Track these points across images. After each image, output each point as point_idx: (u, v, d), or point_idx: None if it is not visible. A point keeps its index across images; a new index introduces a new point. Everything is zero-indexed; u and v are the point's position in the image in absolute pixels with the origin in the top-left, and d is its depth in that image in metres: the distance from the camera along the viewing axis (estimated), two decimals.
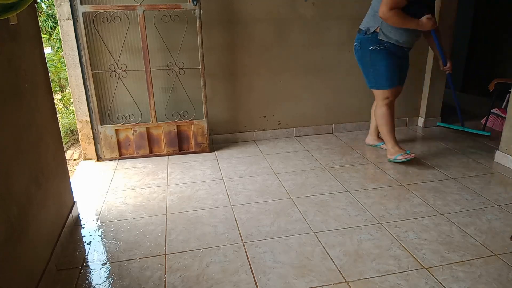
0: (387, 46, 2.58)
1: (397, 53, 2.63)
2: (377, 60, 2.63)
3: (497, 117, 3.57)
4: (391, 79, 2.66)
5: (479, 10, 4.87)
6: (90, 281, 1.63)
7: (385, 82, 2.67)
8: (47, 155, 1.78)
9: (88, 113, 2.86)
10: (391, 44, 2.57)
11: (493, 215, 2.09)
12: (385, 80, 2.66)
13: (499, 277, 1.60)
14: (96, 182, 2.60)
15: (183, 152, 3.05)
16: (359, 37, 2.68)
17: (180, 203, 2.27)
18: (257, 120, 3.34)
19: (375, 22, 2.55)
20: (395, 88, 2.71)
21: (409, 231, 1.94)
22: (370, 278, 1.61)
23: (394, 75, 2.67)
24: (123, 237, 1.94)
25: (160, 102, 2.96)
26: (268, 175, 2.64)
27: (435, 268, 1.67)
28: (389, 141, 2.79)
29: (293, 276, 1.62)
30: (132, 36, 2.79)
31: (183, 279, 1.62)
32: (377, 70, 2.66)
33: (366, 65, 2.71)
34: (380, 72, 2.65)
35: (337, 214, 2.12)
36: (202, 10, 2.76)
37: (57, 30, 5.02)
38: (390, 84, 2.67)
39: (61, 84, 4.64)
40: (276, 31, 3.12)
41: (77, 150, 3.34)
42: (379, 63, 2.63)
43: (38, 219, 1.58)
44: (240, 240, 1.89)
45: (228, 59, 3.09)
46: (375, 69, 2.66)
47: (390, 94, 2.70)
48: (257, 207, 2.20)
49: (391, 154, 2.78)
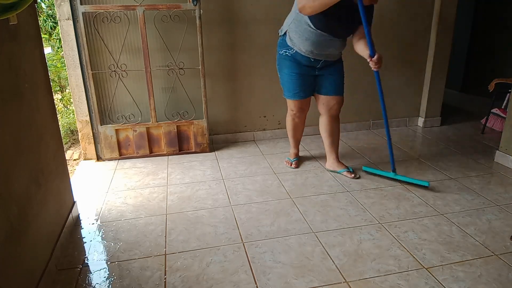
0: (293, 53, 2.33)
1: (304, 63, 2.34)
2: (282, 66, 2.43)
3: (497, 117, 3.57)
4: (293, 90, 2.43)
5: (479, 10, 4.87)
6: (90, 281, 1.63)
7: (286, 91, 2.48)
8: (47, 155, 1.78)
9: (88, 113, 2.86)
10: (295, 51, 2.31)
11: (493, 215, 2.09)
12: (286, 90, 2.48)
13: (499, 277, 1.60)
14: (96, 182, 2.60)
15: (183, 152, 3.05)
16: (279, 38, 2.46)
17: (180, 203, 2.27)
18: (257, 120, 3.34)
19: (286, 23, 2.34)
20: (297, 101, 2.47)
21: (409, 231, 1.94)
22: (370, 278, 1.61)
23: (297, 87, 2.41)
24: (123, 237, 1.94)
25: (160, 102, 2.96)
26: (268, 175, 2.64)
27: (435, 268, 1.67)
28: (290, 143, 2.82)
29: (293, 276, 1.62)
30: (132, 36, 2.79)
31: (183, 279, 1.62)
32: (282, 78, 2.47)
33: (277, 69, 2.51)
34: (284, 80, 2.46)
35: (337, 214, 2.12)
36: (202, 10, 2.76)
37: (57, 30, 5.02)
38: (290, 95, 2.47)
39: (61, 84, 4.64)
40: (276, 31, 3.10)
41: (77, 150, 3.34)
42: (283, 70, 2.43)
43: (38, 219, 1.58)
44: (240, 240, 1.89)
45: (228, 59, 3.09)
46: (281, 75, 2.48)
47: (293, 106, 2.51)
48: (257, 207, 2.20)
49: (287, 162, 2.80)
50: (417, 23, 3.36)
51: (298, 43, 2.27)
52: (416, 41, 3.43)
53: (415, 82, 3.55)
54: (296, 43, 2.27)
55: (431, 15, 3.40)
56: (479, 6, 4.85)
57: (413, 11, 3.34)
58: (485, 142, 3.23)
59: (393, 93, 3.53)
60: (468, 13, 4.87)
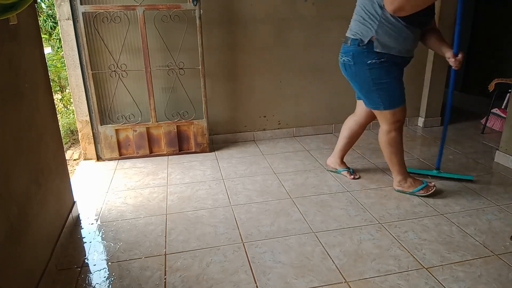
0: (388, 58, 2.07)
1: (400, 65, 2.16)
2: (380, 75, 2.10)
3: (497, 117, 3.57)
4: (401, 95, 2.17)
5: (479, 10, 4.87)
6: (90, 281, 1.63)
7: (396, 99, 2.16)
8: (47, 155, 1.78)
9: (88, 113, 2.86)
10: (390, 55, 2.07)
11: (493, 215, 2.09)
12: (397, 97, 2.16)
13: (499, 277, 1.60)
14: (96, 182, 2.60)
15: (183, 152, 3.05)
16: (350, 50, 2.13)
17: (180, 203, 2.27)
18: (257, 120, 3.34)
19: (368, 30, 2.04)
20: (405, 105, 2.21)
21: (409, 231, 1.94)
22: (370, 278, 1.61)
23: (403, 91, 2.19)
24: (123, 237, 1.94)
25: (160, 102, 2.96)
26: (268, 175, 2.64)
27: (435, 268, 1.67)
28: (399, 173, 2.33)
29: (293, 276, 1.62)
30: (132, 36, 2.79)
31: (183, 279, 1.62)
32: (384, 89, 2.13)
33: (366, 84, 2.16)
34: (389, 90, 2.14)
35: (337, 214, 2.12)
36: (202, 10, 2.76)
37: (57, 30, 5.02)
38: (401, 101, 2.18)
39: (61, 84, 4.64)
40: (276, 31, 3.12)
41: (77, 150, 3.34)
42: (384, 79, 2.11)
43: (38, 219, 1.58)
44: (240, 240, 1.89)
45: (228, 59, 3.09)
46: (380, 87, 2.13)
47: (401, 114, 2.20)
48: (257, 207, 2.20)
49: (403, 187, 2.35)
50: None
51: (395, 46, 2.05)
52: None
53: (415, 82, 3.55)
54: (393, 46, 2.05)
55: None
56: (479, 6, 4.85)
57: None
58: (485, 142, 3.23)
59: None
60: (468, 13, 4.87)
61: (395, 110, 2.18)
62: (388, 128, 2.25)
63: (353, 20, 2.16)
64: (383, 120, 2.26)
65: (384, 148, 2.33)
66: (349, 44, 2.14)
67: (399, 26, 2.00)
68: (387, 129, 2.26)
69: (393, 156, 2.30)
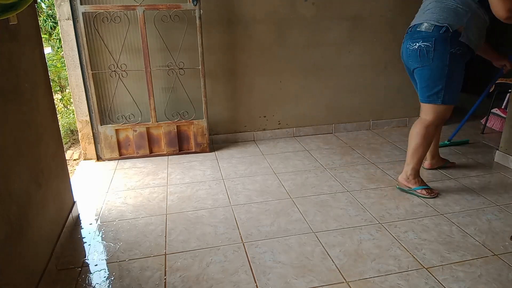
0: (466, 50, 2.08)
1: (466, 61, 2.16)
2: (456, 67, 2.08)
3: (497, 117, 3.57)
4: (459, 92, 2.17)
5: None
6: (90, 281, 1.63)
7: (454, 96, 2.14)
8: (47, 155, 1.78)
9: (88, 113, 2.86)
10: (468, 48, 2.07)
11: (493, 215, 2.09)
12: (455, 95, 2.14)
13: (499, 277, 1.60)
14: (96, 182, 2.60)
15: (183, 152, 3.05)
16: (433, 35, 2.05)
17: (180, 203, 2.27)
18: (257, 120, 3.34)
19: (459, 19, 2.00)
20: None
21: (409, 231, 1.94)
22: (370, 278, 1.61)
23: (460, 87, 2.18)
24: (123, 237, 1.94)
25: (160, 102, 2.96)
26: (268, 175, 2.64)
27: (435, 268, 1.67)
28: (414, 168, 2.30)
29: (293, 276, 1.62)
30: (132, 36, 2.79)
31: (183, 279, 1.62)
32: (451, 81, 2.09)
33: (440, 72, 2.08)
34: (454, 83, 2.11)
35: (337, 214, 2.12)
36: (202, 10, 2.76)
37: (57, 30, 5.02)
38: (457, 98, 2.16)
39: (61, 84, 4.64)
40: (276, 31, 3.12)
41: (77, 150, 3.34)
42: (457, 71, 2.09)
43: (38, 219, 1.58)
44: (240, 240, 1.89)
45: (228, 59, 3.09)
46: (450, 78, 2.08)
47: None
48: (257, 207, 2.20)
49: (408, 181, 2.32)
50: None
51: (475, 39, 2.06)
52: None
53: None
54: (473, 39, 2.05)
55: None
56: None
57: (413, 11, 3.34)
58: (485, 142, 3.23)
59: (393, 93, 3.53)
60: None
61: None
62: (432, 122, 2.21)
63: (440, 8, 2.07)
64: (430, 113, 2.20)
65: (415, 138, 2.26)
66: (430, 30, 2.06)
67: (482, 21, 2.05)
68: (430, 122, 2.21)
69: (420, 149, 2.25)
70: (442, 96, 2.12)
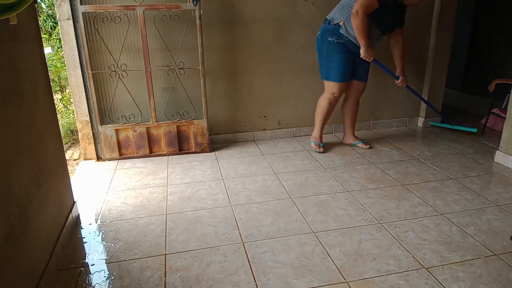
0: (345, 41, 2.68)
1: (353, 50, 2.72)
2: (333, 52, 2.72)
3: (497, 117, 3.57)
4: (342, 74, 2.77)
5: (479, 10, 4.87)
6: (90, 281, 1.63)
7: (335, 75, 2.77)
8: (47, 155, 1.78)
9: (88, 113, 2.86)
10: (349, 40, 2.68)
11: (493, 215, 2.09)
12: (336, 74, 2.77)
13: (499, 277, 1.60)
14: (96, 182, 2.60)
15: (183, 152, 3.05)
16: (322, 27, 2.78)
17: (180, 203, 2.27)
18: (257, 120, 3.34)
19: (341, 15, 2.66)
20: (343, 84, 2.83)
21: (409, 231, 1.94)
22: (370, 278, 1.61)
23: (346, 71, 2.78)
24: (123, 237, 1.94)
25: (160, 102, 2.96)
26: (268, 175, 2.64)
27: (435, 268, 1.67)
28: (317, 130, 3.03)
29: (293, 276, 1.62)
30: (132, 36, 2.79)
31: (183, 279, 1.62)
32: (331, 62, 2.75)
33: (322, 55, 2.79)
34: (333, 65, 2.75)
35: (337, 214, 2.12)
36: (202, 10, 2.76)
37: (57, 30, 5.02)
38: (340, 78, 2.77)
39: (61, 84, 4.64)
40: (276, 31, 3.12)
41: (77, 150, 3.34)
42: (334, 55, 2.73)
43: (38, 219, 1.58)
44: (240, 240, 1.89)
45: (228, 59, 3.09)
46: (329, 60, 2.76)
47: (337, 89, 2.82)
48: (257, 207, 2.20)
49: (313, 136, 3.07)
50: (417, 23, 3.36)
51: (353, 33, 2.62)
52: (416, 41, 3.43)
53: (415, 82, 3.55)
54: (352, 34, 2.63)
55: (431, 15, 3.40)
56: (479, 6, 4.85)
57: (413, 11, 3.34)
58: (485, 142, 3.23)
59: (393, 93, 3.53)
60: (468, 13, 4.87)
61: (336, 83, 2.80)
62: (324, 95, 2.90)
63: (336, 6, 2.75)
64: (325, 89, 2.90)
65: (317, 107, 2.98)
66: (324, 23, 2.79)
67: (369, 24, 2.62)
68: (323, 95, 2.92)
69: (318, 116, 2.99)
70: (326, 74, 2.81)
